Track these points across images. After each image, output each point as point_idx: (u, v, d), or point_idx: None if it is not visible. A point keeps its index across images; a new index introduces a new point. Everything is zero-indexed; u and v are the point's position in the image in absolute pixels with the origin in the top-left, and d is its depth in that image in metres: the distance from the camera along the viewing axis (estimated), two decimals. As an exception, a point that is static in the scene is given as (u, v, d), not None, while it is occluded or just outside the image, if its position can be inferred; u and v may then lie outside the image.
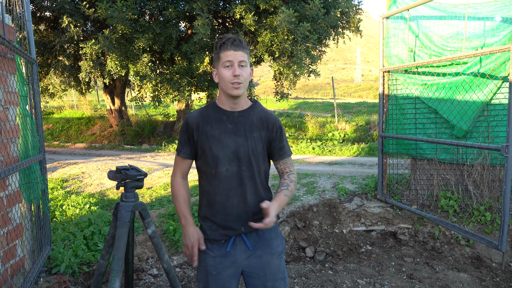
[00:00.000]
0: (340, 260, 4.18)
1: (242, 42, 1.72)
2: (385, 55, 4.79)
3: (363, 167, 7.39)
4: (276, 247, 1.86)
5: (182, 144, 1.82)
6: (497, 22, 4.11)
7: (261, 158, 1.80)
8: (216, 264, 1.79)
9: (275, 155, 1.85)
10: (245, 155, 1.74)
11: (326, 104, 21.92)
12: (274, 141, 1.82)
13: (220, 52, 1.72)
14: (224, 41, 1.71)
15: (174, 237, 4.18)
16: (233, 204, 1.76)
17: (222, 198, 1.77)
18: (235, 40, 1.70)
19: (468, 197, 4.46)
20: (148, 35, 9.40)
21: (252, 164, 1.75)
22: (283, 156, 1.85)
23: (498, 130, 4.10)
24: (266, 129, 1.79)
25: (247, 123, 1.77)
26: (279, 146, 1.84)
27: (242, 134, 1.76)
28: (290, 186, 1.81)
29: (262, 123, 1.80)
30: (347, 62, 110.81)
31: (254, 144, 1.76)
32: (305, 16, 9.35)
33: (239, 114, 1.78)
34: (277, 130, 1.82)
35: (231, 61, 1.69)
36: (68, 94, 17.77)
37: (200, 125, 1.78)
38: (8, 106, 2.75)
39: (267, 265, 1.82)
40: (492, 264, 3.94)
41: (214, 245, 1.81)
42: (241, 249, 1.80)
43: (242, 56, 1.71)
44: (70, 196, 5.53)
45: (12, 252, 2.72)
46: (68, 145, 13.05)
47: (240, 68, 1.70)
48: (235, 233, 1.79)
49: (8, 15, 2.88)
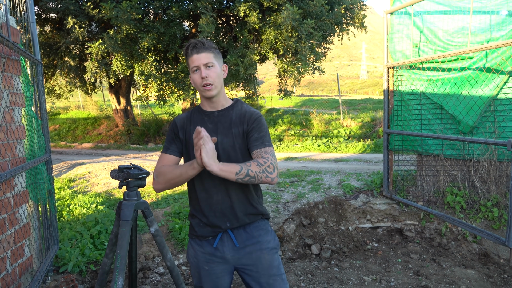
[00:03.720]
0: (346, 257, 4.17)
1: (204, 43, 1.73)
2: (390, 51, 4.75)
3: (369, 164, 7.36)
4: (266, 243, 1.84)
5: (169, 142, 1.87)
6: (503, 16, 4.06)
7: (241, 153, 1.78)
8: (207, 260, 1.83)
9: (250, 146, 1.77)
10: (224, 152, 1.76)
11: (331, 101, 21.84)
12: (250, 132, 1.78)
13: (187, 59, 1.76)
14: (186, 47, 1.75)
15: (180, 235, 4.20)
16: (217, 201, 1.78)
17: (206, 195, 1.79)
18: (196, 43, 1.73)
19: (475, 193, 4.42)
20: (152, 35, 9.43)
21: (231, 160, 1.75)
22: (258, 146, 1.73)
23: (504, 125, 4.06)
24: (244, 123, 1.80)
25: (226, 121, 1.80)
26: (254, 137, 1.76)
27: (221, 132, 1.78)
28: (250, 162, 1.64)
29: (240, 118, 1.81)
30: (352, 59, 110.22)
31: (233, 141, 1.78)
32: (309, 13, 9.31)
33: (218, 114, 1.82)
34: (253, 122, 1.79)
35: (197, 65, 1.72)
36: (74, 95, 17.89)
37: (185, 125, 1.85)
38: (14, 107, 2.77)
39: (258, 261, 1.81)
40: (499, 261, 3.91)
41: (203, 242, 1.84)
42: (229, 246, 1.81)
43: (207, 57, 1.72)
44: (77, 196, 5.58)
45: (19, 251, 2.75)
46: (75, 145, 13.16)
47: (207, 69, 1.73)
48: (221, 230, 1.80)
49: (12, 17, 2.90)
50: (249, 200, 1.82)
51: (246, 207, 1.81)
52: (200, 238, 1.84)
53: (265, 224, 1.89)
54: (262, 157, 1.69)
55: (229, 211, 1.79)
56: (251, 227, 1.84)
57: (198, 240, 1.85)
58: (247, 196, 1.81)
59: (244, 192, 1.81)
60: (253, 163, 1.64)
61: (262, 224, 1.88)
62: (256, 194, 1.87)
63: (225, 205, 1.78)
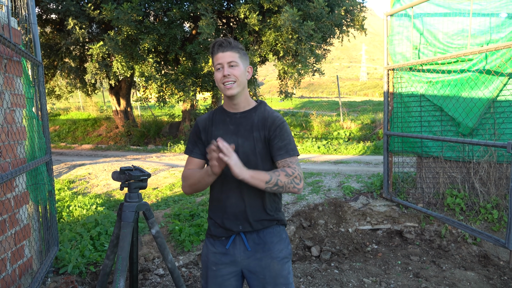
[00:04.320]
0: (346, 259, 4.18)
1: (231, 43, 1.74)
2: (390, 53, 4.76)
3: (369, 166, 7.37)
4: (277, 252, 1.82)
5: (192, 144, 1.87)
6: (502, 19, 4.07)
7: (261, 158, 1.77)
8: (216, 260, 1.82)
9: (274, 154, 1.77)
10: (244, 155, 1.73)
11: (331, 103, 21.86)
12: (272, 140, 1.77)
13: (212, 57, 1.77)
14: (213, 45, 1.76)
15: (180, 237, 4.20)
16: (231, 203, 1.77)
17: (222, 196, 1.80)
18: (222, 42, 1.73)
19: (474, 195, 4.42)
20: (153, 36, 9.44)
21: (250, 164, 1.72)
22: (283, 156, 1.73)
23: (504, 127, 4.07)
24: (266, 128, 1.78)
25: (248, 124, 1.79)
26: (278, 146, 1.75)
27: (242, 135, 1.77)
28: (279, 172, 1.65)
29: (263, 122, 1.79)
30: (352, 61, 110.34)
31: (253, 144, 1.76)
32: (309, 15, 9.33)
33: (241, 115, 1.81)
34: (275, 129, 1.77)
35: (221, 63, 1.72)
36: (74, 96, 17.92)
37: (207, 127, 1.84)
38: (15, 109, 2.78)
39: (267, 268, 1.79)
40: (499, 263, 3.91)
41: (217, 241, 1.84)
42: (240, 249, 1.81)
43: (231, 56, 1.72)
44: (77, 197, 5.58)
45: (20, 252, 2.75)
46: (75, 146, 13.16)
47: (231, 68, 1.72)
48: (233, 232, 1.80)
49: (14, 18, 2.91)
50: (264, 206, 1.80)
51: (260, 213, 1.79)
52: (214, 237, 1.85)
53: (280, 230, 1.86)
54: (289, 167, 1.69)
55: (242, 215, 1.78)
56: (264, 232, 1.82)
57: (212, 240, 1.86)
58: (262, 202, 1.79)
59: (259, 198, 1.79)
60: (281, 173, 1.64)
61: (276, 230, 1.85)
62: (274, 200, 1.84)
63: (239, 209, 1.78)
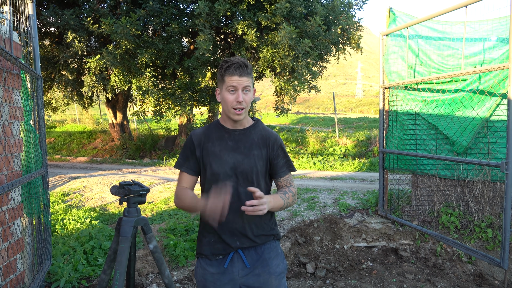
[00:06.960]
0: (341, 276, 4.15)
1: (248, 66, 1.71)
2: (385, 72, 4.84)
3: (364, 183, 7.39)
4: (275, 267, 1.83)
5: (184, 159, 1.83)
6: (493, 42, 4.17)
7: (261, 176, 1.80)
8: (215, 281, 1.80)
9: (277, 172, 1.84)
10: (243, 172, 1.75)
11: (327, 119, 22.01)
12: (275, 159, 1.82)
13: (225, 75, 1.71)
14: (230, 64, 1.69)
15: (174, 252, 4.16)
16: (228, 219, 1.75)
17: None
18: (241, 65, 1.69)
19: (469, 213, 4.44)
20: (151, 51, 9.53)
21: (250, 181, 1.75)
22: (285, 172, 1.85)
23: (497, 146, 4.12)
24: (267, 147, 1.81)
25: (248, 141, 1.80)
26: (281, 163, 1.84)
27: (241, 152, 1.78)
28: (288, 194, 1.79)
29: (264, 141, 1.81)
30: (348, 78, 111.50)
31: (254, 162, 1.78)
32: (306, 32, 9.49)
33: (240, 132, 1.81)
34: (277, 148, 1.83)
35: (235, 86, 1.69)
36: (70, 108, 17.90)
37: (202, 142, 1.81)
38: (13, 121, 2.78)
39: (265, 284, 1.80)
40: (494, 282, 3.91)
41: (213, 261, 1.82)
42: (239, 267, 1.80)
43: (247, 81, 1.71)
44: (71, 210, 5.53)
45: (12, 266, 2.71)
46: (70, 159, 13.08)
47: (244, 93, 1.71)
48: (231, 249, 1.79)
49: (15, 32, 2.94)
50: (262, 221, 1.82)
51: (257, 228, 1.80)
52: (210, 257, 1.81)
53: (276, 246, 1.89)
54: (291, 185, 1.83)
55: (240, 231, 1.78)
56: (262, 248, 1.83)
57: (208, 260, 1.83)
58: (260, 217, 1.80)
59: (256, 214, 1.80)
60: (290, 195, 1.79)
61: (273, 245, 1.87)
62: (271, 215, 1.87)
63: (237, 225, 1.77)
